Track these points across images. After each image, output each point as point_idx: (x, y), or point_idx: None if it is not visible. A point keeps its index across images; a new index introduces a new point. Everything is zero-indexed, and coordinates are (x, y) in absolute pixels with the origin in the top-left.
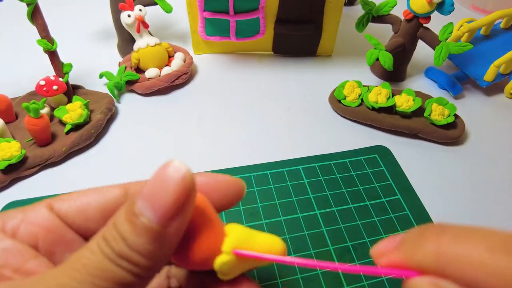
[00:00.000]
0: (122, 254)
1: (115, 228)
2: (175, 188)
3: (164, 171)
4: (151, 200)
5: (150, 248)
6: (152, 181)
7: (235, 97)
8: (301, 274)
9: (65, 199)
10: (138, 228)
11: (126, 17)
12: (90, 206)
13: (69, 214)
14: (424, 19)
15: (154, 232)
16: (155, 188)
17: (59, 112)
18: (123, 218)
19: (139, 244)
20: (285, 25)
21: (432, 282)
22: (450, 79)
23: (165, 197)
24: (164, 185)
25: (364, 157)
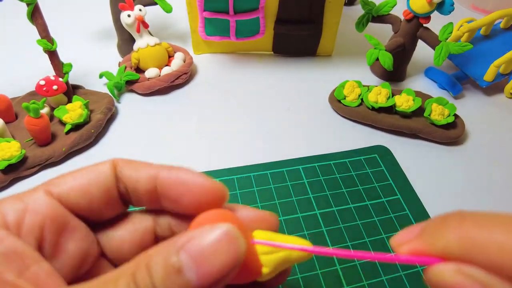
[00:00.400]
0: None
1: (150, 276)
2: (227, 260)
3: (220, 237)
4: (199, 263)
5: None
6: (205, 242)
7: (235, 97)
8: (301, 274)
9: (62, 182)
10: (175, 285)
11: (126, 17)
12: (92, 187)
13: (71, 198)
14: (424, 19)
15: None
16: (206, 252)
17: (59, 112)
18: (161, 267)
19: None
20: (285, 25)
21: (457, 268)
22: (450, 79)
23: (215, 266)
24: (217, 253)
25: (364, 157)
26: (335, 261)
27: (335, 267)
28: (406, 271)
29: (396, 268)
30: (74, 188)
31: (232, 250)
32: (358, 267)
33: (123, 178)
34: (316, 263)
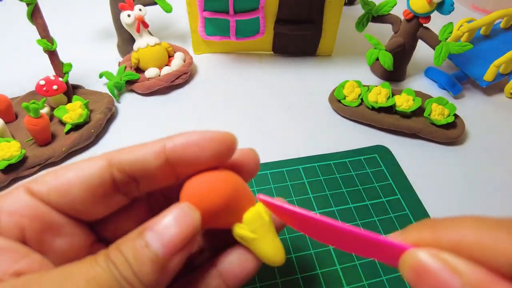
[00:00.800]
0: (126, 278)
1: (122, 254)
2: (185, 229)
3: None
4: (161, 235)
5: (151, 278)
6: (165, 219)
7: (235, 97)
8: (300, 274)
9: (43, 181)
10: (144, 257)
11: (126, 17)
12: (73, 185)
13: (51, 197)
14: (424, 19)
15: (159, 264)
16: (167, 226)
17: (59, 112)
18: (130, 245)
19: (143, 271)
20: (285, 25)
21: (431, 252)
22: (450, 79)
23: (175, 235)
24: (176, 225)
25: (364, 157)
26: (335, 261)
27: (335, 267)
28: None
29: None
30: (53, 188)
31: (188, 220)
32: (358, 267)
33: (126, 164)
34: (316, 263)
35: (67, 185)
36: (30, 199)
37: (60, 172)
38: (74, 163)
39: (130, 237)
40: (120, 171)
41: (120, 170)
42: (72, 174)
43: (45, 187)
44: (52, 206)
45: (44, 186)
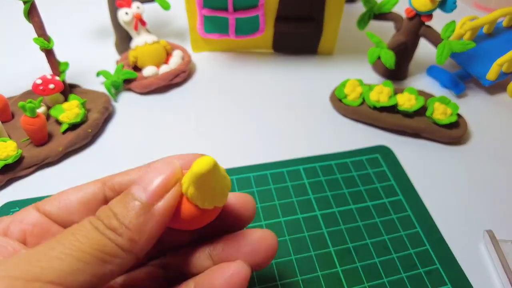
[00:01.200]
0: (111, 226)
1: (109, 209)
2: (166, 173)
3: (157, 165)
4: (143, 182)
5: (136, 222)
6: (148, 169)
7: (234, 96)
8: (301, 276)
9: (50, 199)
10: (129, 205)
11: (123, 14)
12: (71, 201)
13: (53, 212)
14: (426, 17)
15: (142, 207)
16: (149, 174)
17: (55, 111)
18: (118, 200)
19: (128, 217)
20: (285, 22)
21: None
22: (452, 77)
23: (155, 180)
24: (157, 172)
25: (366, 157)
26: (336, 263)
27: (336, 268)
28: (408, 273)
29: (397, 269)
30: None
31: (169, 167)
32: (359, 269)
33: (117, 183)
34: (317, 264)
35: (68, 201)
36: (35, 212)
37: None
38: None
39: (119, 196)
40: (111, 189)
41: (111, 189)
42: (72, 193)
43: (49, 204)
44: (53, 219)
45: (49, 203)
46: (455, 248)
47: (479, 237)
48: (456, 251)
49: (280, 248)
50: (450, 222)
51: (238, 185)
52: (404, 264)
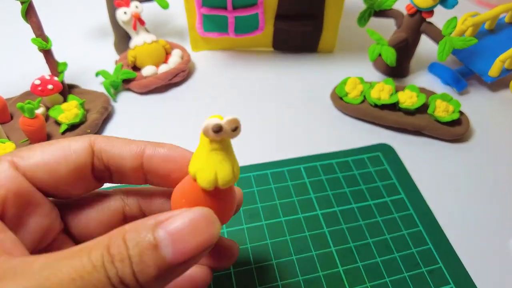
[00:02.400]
0: (124, 280)
1: (126, 248)
2: (202, 241)
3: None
4: (176, 241)
5: (152, 282)
6: (183, 222)
7: (234, 95)
8: (302, 276)
9: (29, 156)
10: (151, 260)
11: (122, 14)
12: (60, 163)
13: (37, 174)
14: (427, 13)
15: (165, 269)
16: (184, 232)
17: (54, 112)
18: (138, 241)
19: (146, 276)
20: (285, 20)
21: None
22: (454, 74)
23: (191, 245)
24: (195, 234)
25: (367, 156)
26: (337, 263)
27: (337, 268)
28: (410, 272)
29: (400, 269)
30: (41, 164)
31: (209, 232)
32: (361, 269)
33: (105, 156)
34: (318, 264)
35: (55, 163)
36: (15, 173)
37: (46, 149)
38: (57, 140)
39: (139, 229)
40: (99, 160)
41: (99, 159)
42: (59, 152)
43: (31, 162)
44: (36, 183)
45: (30, 162)
46: (458, 246)
47: (482, 235)
48: (459, 250)
49: (281, 248)
50: (453, 221)
51: (239, 184)
52: (407, 263)
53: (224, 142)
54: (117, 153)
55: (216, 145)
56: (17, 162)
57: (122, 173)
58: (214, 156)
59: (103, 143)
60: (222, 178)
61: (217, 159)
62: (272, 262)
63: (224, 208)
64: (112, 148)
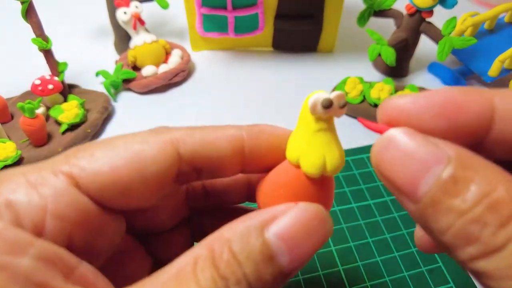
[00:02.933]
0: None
1: (239, 265)
2: (318, 242)
3: (312, 218)
4: (291, 247)
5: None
6: (296, 223)
7: (234, 94)
8: (302, 275)
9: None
10: (268, 274)
11: (122, 14)
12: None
13: (104, 195)
14: (427, 13)
15: (280, 273)
16: (297, 235)
17: (54, 112)
18: (249, 253)
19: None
20: (285, 20)
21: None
22: (454, 74)
23: (307, 249)
24: (309, 235)
25: (367, 155)
26: (337, 262)
27: (337, 268)
28: (410, 272)
29: (399, 269)
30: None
31: (323, 231)
32: (361, 268)
33: (196, 157)
34: (318, 264)
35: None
36: (77, 195)
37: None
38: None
39: (245, 236)
40: (188, 164)
41: (189, 163)
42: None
43: (95, 177)
44: (102, 202)
45: (94, 176)
46: None
47: None
48: None
49: None
50: None
51: None
52: (407, 263)
53: (331, 121)
54: (213, 149)
55: (324, 125)
56: (77, 176)
57: (216, 169)
58: (321, 137)
59: (190, 141)
60: (331, 163)
61: (324, 140)
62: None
63: (328, 198)
64: (205, 145)
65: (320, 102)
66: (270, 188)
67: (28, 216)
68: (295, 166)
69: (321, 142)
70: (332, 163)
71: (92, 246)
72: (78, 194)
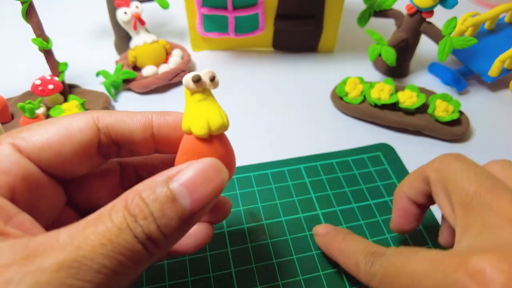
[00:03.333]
0: (151, 236)
1: (146, 206)
2: (214, 187)
3: (208, 168)
4: (192, 191)
5: (176, 233)
6: (195, 172)
7: (234, 94)
8: (302, 275)
9: (31, 137)
10: (172, 212)
11: (122, 14)
12: (65, 146)
13: (41, 157)
14: (427, 13)
15: (186, 218)
16: (197, 182)
17: (55, 112)
18: (156, 197)
19: (169, 227)
20: (285, 20)
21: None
22: (454, 74)
23: (205, 192)
24: (207, 181)
25: (367, 155)
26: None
27: (338, 268)
28: None
29: None
30: (45, 146)
31: (218, 178)
32: None
33: (112, 131)
34: (318, 264)
35: (59, 143)
36: (20, 158)
37: (48, 129)
38: (57, 118)
39: (153, 186)
40: (106, 136)
41: (106, 135)
42: (63, 132)
43: (34, 144)
44: (40, 165)
45: (34, 144)
46: None
47: None
48: None
49: (282, 247)
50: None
51: (239, 184)
52: None
53: (206, 92)
54: (125, 126)
55: (200, 95)
56: (19, 144)
57: (131, 145)
58: (201, 106)
59: (107, 118)
60: (213, 123)
61: (204, 108)
62: (273, 262)
63: (226, 157)
64: (118, 122)
65: (191, 78)
66: (178, 157)
67: None
68: (189, 134)
69: (202, 109)
70: (214, 123)
71: (34, 206)
72: (21, 157)
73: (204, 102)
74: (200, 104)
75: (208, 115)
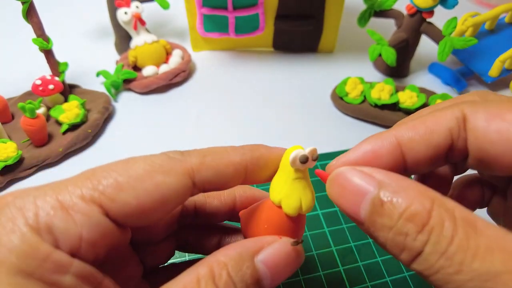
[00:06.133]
0: None
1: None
2: (293, 270)
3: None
4: (274, 274)
5: None
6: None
7: (235, 95)
8: (303, 275)
9: (120, 196)
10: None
11: (122, 14)
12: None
13: (129, 220)
14: (427, 13)
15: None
16: (279, 264)
17: (55, 112)
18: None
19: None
20: (285, 20)
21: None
22: (454, 74)
23: (285, 275)
24: (287, 265)
25: None
26: (338, 262)
27: (338, 268)
28: (410, 272)
29: (400, 269)
30: (135, 213)
31: (298, 263)
32: (362, 268)
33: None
34: (319, 264)
35: (151, 210)
36: (107, 224)
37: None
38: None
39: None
40: (199, 189)
41: (200, 189)
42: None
43: (122, 208)
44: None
45: (122, 207)
46: None
47: None
48: None
49: None
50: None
51: None
52: None
53: (306, 171)
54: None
55: (300, 174)
56: (106, 206)
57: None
58: (298, 184)
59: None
60: (305, 205)
61: (300, 187)
62: None
63: (301, 231)
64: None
65: (298, 158)
66: (256, 222)
67: (66, 242)
68: (277, 207)
69: (298, 188)
70: (307, 205)
71: (106, 256)
72: (109, 223)
73: (301, 180)
74: (297, 182)
75: (302, 195)
